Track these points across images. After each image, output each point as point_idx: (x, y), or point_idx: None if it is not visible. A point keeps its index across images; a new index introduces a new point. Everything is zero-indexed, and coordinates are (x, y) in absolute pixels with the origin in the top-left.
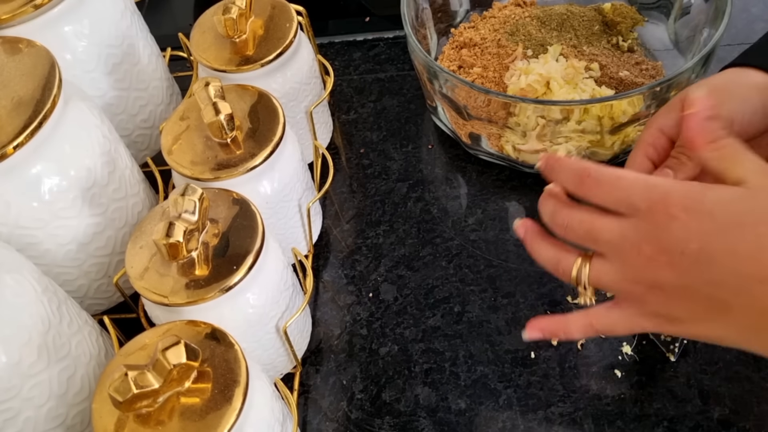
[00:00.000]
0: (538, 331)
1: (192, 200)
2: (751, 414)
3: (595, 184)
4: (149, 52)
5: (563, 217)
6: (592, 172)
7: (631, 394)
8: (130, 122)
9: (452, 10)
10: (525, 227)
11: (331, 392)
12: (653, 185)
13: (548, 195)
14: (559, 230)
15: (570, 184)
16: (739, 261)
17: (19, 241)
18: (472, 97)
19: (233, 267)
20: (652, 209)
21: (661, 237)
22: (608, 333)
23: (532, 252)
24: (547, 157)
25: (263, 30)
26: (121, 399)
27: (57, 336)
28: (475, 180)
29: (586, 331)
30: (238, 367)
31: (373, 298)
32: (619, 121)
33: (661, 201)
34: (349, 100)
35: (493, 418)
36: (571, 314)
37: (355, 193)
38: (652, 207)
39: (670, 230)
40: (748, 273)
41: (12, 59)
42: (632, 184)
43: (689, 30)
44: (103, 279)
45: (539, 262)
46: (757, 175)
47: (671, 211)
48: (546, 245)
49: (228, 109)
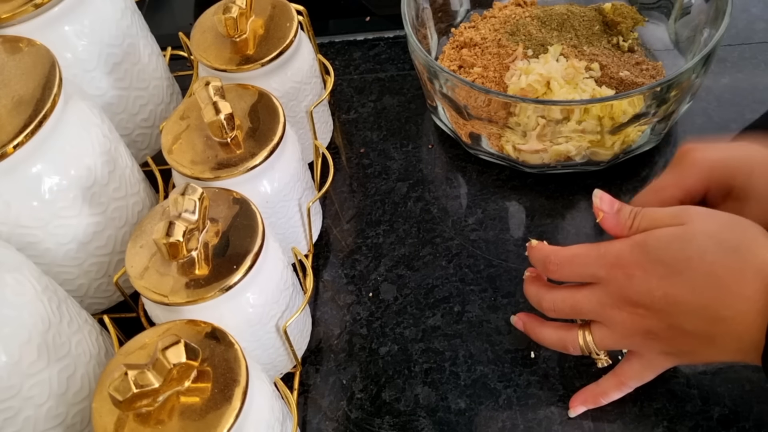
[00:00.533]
0: (581, 405)
1: (192, 200)
2: (751, 414)
3: (557, 268)
4: (149, 51)
5: (548, 301)
6: (552, 257)
7: (631, 394)
8: (131, 121)
9: (453, 10)
10: (522, 320)
11: (331, 392)
12: (603, 253)
13: (529, 281)
14: (549, 313)
15: (541, 271)
16: (701, 295)
17: (19, 240)
18: (473, 97)
19: (233, 266)
20: (611, 275)
21: (629, 295)
22: (641, 382)
23: (538, 341)
24: (528, 244)
25: (263, 29)
26: (120, 398)
27: (57, 335)
28: (475, 180)
29: (621, 389)
30: (238, 366)
31: (373, 298)
32: (620, 121)
33: (616, 265)
34: (350, 99)
35: (492, 418)
36: (602, 380)
37: (355, 192)
38: (611, 273)
39: (633, 287)
40: (713, 304)
41: (12, 58)
42: (586, 259)
43: (690, 30)
44: (103, 278)
45: (548, 347)
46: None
47: (628, 272)
48: (547, 330)
49: (228, 108)
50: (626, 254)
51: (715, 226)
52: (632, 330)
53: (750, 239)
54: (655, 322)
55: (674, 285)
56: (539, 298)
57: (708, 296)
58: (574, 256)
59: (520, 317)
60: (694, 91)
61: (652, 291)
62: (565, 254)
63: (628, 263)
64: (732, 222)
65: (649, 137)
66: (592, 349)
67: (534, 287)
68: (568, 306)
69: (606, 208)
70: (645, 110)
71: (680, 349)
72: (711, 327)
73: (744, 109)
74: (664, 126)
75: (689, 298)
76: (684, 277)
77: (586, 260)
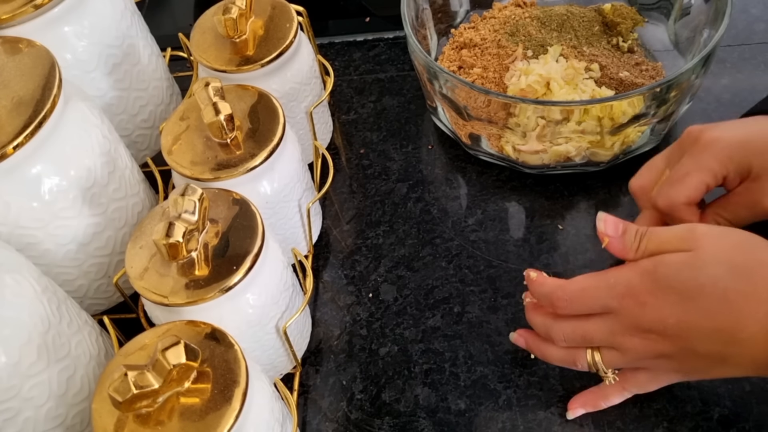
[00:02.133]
0: (580, 408)
1: (192, 200)
2: (751, 415)
3: (567, 304)
4: (149, 52)
5: (557, 332)
6: (560, 293)
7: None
8: (130, 122)
9: (452, 11)
10: (524, 338)
11: (330, 392)
12: (614, 284)
13: (532, 309)
14: (559, 343)
15: (548, 306)
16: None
17: (18, 241)
18: (472, 98)
19: (233, 267)
20: (623, 305)
21: (641, 323)
22: (644, 392)
23: (543, 358)
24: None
25: (263, 30)
26: (120, 399)
27: (57, 336)
28: (475, 180)
29: (622, 395)
30: (238, 367)
31: (373, 299)
32: (619, 122)
33: (627, 295)
34: (349, 100)
35: (492, 419)
36: (604, 385)
37: (355, 193)
38: (622, 303)
39: (646, 316)
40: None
41: (12, 59)
42: (597, 291)
43: (689, 31)
44: (103, 279)
45: (554, 364)
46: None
47: (640, 300)
48: (553, 349)
49: (228, 109)
50: (636, 283)
51: (725, 249)
52: (644, 354)
53: (761, 260)
54: (668, 346)
55: (687, 311)
56: (547, 328)
57: (722, 320)
58: (582, 290)
59: (521, 335)
60: (694, 91)
61: (665, 318)
62: (573, 289)
63: (639, 292)
64: (742, 243)
65: (648, 138)
66: (600, 368)
67: (539, 317)
68: (578, 336)
69: (611, 232)
70: (645, 111)
71: (692, 367)
72: (725, 348)
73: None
74: (663, 127)
75: (703, 324)
76: (697, 303)
77: (596, 293)
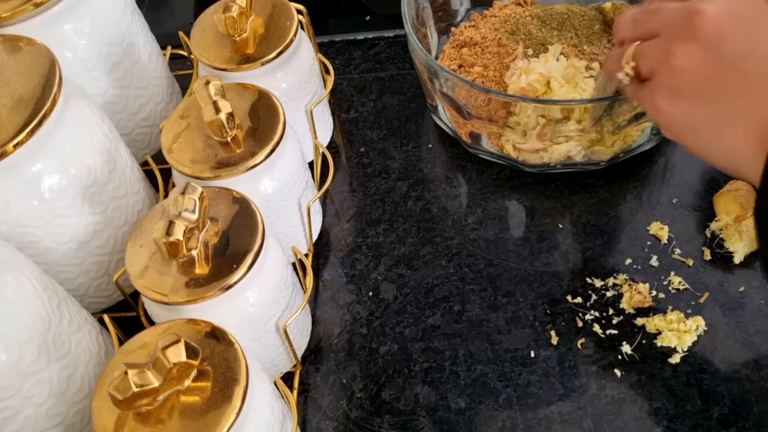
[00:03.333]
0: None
1: (192, 199)
2: (751, 414)
3: (648, 17)
4: (149, 50)
5: (643, 11)
6: (640, 12)
7: (630, 394)
8: (131, 121)
9: (453, 9)
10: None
11: (330, 391)
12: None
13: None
14: (644, 16)
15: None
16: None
17: (19, 239)
18: (473, 96)
19: (233, 266)
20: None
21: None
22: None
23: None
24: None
25: (264, 28)
26: (120, 397)
27: (57, 334)
28: (475, 179)
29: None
30: (238, 365)
31: (373, 297)
32: (619, 121)
33: (696, 13)
34: (350, 98)
35: (492, 417)
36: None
37: (355, 191)
38: (692, 17)
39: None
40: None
41: (12, 57)
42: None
43: None
44: (103, 277)
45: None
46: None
47: (706, 17)
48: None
49: (228, 107)
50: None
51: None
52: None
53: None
54: (705, 56)
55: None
56: (633, 14)
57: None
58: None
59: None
60: None
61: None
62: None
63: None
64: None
65: (649, 136)
66: (628, 58)
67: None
68: (645, 15)
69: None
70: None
71: (684, 89)
72: (756, 67)
73: None
74: None
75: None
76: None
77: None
